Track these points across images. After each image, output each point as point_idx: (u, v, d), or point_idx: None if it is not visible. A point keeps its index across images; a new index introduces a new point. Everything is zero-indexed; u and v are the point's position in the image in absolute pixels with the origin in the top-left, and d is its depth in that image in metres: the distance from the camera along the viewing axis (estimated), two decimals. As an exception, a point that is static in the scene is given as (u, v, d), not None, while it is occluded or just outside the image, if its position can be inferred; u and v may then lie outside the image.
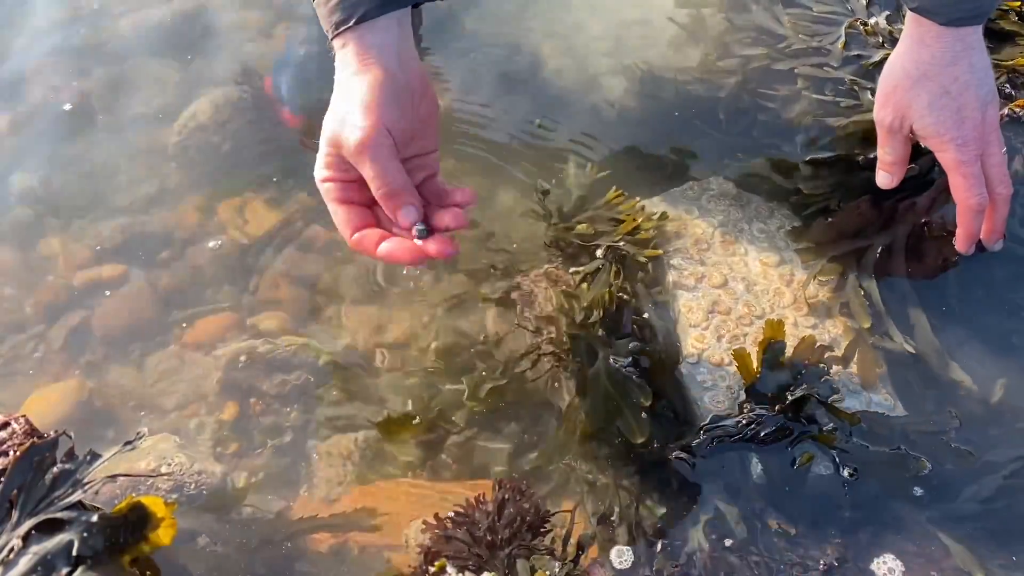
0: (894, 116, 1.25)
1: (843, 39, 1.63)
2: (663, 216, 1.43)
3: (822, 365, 1.22)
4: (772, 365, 1.21)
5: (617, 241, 1.41)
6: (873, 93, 1.49)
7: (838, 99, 1.55)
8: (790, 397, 1.17)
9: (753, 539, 1.13)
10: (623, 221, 1.43)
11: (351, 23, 1.05)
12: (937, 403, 1.25)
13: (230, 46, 1.97)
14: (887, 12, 1.64)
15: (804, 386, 1.18)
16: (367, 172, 1.06)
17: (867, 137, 1.44)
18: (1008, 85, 1.52)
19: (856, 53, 1.61)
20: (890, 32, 1.61)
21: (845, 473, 1.15)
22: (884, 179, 1.33)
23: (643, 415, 1.22)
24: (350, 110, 1.06)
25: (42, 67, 1.97)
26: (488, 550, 1.15)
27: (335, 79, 1.09)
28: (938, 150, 1.23)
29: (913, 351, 1.28)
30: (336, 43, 1.08)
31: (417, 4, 1.14)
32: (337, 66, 1.09)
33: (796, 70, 1.60)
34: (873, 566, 1.11)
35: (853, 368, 1.26)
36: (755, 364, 1.21)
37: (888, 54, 1.49)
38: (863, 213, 1.39)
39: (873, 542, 1.12)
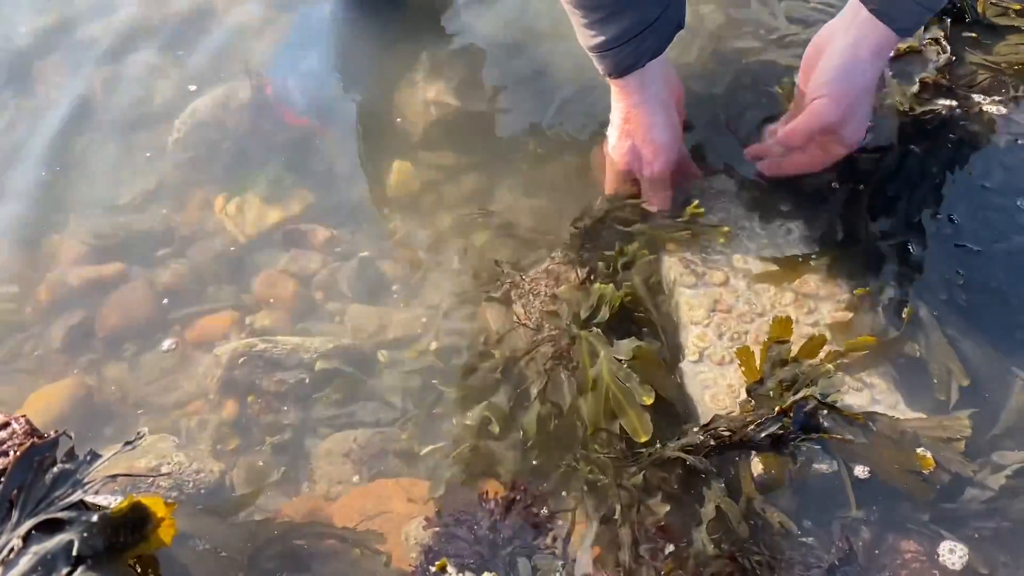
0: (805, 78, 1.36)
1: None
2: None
3: (827, 366, 1.21)
4: (775, 364, 1.21)
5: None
6: None
7: None
8: (792, 397, 1.17)
9: (755, 538, 1.12)
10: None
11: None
12: (941, 401, 1.24)
13: (231, 44, 1.96)
14: None
15: (807, 386, 1.18)
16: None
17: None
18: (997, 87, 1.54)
19: None
20: None
21: (847, 473, 1.15)
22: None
23: (646, 414, 1.22)
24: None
25: (42, 64, 1.97)
26: (489, 548, 1.15)
27: (646, 99, 1.36)
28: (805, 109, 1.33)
29: (918, 349, 1.28)
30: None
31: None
32: (637, 89, 1.35)
33: (785, 63, 1.62)
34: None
35: (856, 367, 1.26)
36: (758, 363, 1.21)
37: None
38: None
39: (875, 541, 1.12)
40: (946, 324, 1.30)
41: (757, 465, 1.17)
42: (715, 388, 1.25)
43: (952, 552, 1.12)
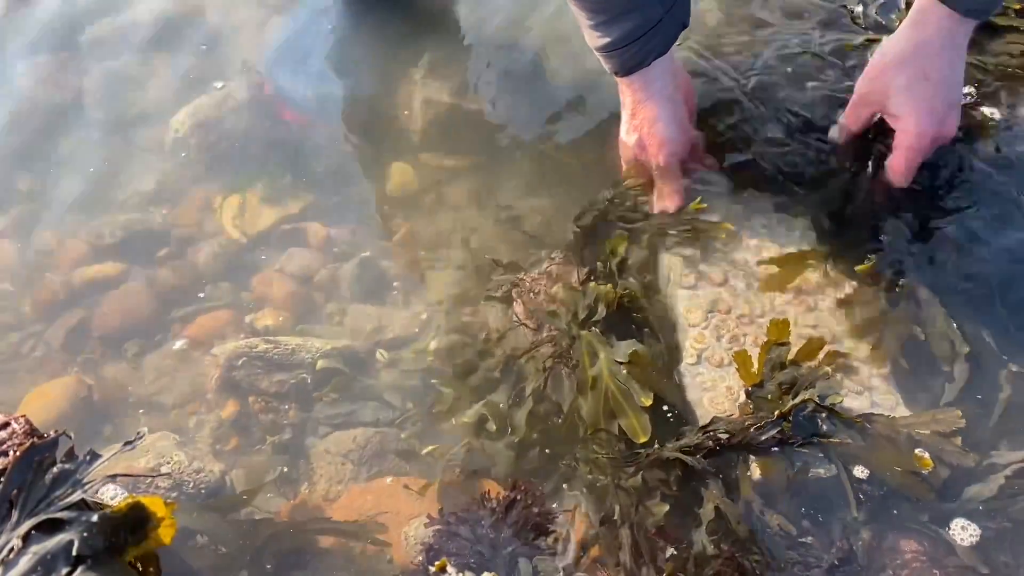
0: (872, 89, 1.38)
1: (818, 19, 1.70)
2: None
3: (826, 368, 1.21)
4: (775, 367, 1.20)
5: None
6: (847, 72, 1.57)
7: (819, 81, 1.59)
8: (791, 401, 1.17)
9: (754, 538, 1.12)
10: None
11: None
12: (941, 401, 1.24)
13: (229, 43, 1.96)
14: (880, 0, 1.69)
15: (806, 390, 1.17)
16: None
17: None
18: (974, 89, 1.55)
19: (837, 37, 1.65)
20: (877, 21, 1.66)
21: (847, 475, 1.15)
22: (835, 132, 1.48)
23: (645, 415, 1.22)
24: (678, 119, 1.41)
25: (41, 63, 1.97)
26: (490, 548, 1.15)
27: (651, 95, 1.37)
28: (900, 129, 1.35)
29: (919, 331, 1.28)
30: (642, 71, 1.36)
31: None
32: (642, 86, 1.38)
33: (779, 53, 1.64)
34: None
35: (855, 368, 1.26)
36: (756, 366, 1.21)
37: (869, 38, 1.61)
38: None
39: (875, 541, 1.12)
40: (940, 312, 1.30)
41: (756, 470, 1.16)
42: (714, 392, 1.25)
43: (964, 529, 1.12)
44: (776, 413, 1.16)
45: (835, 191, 1.45)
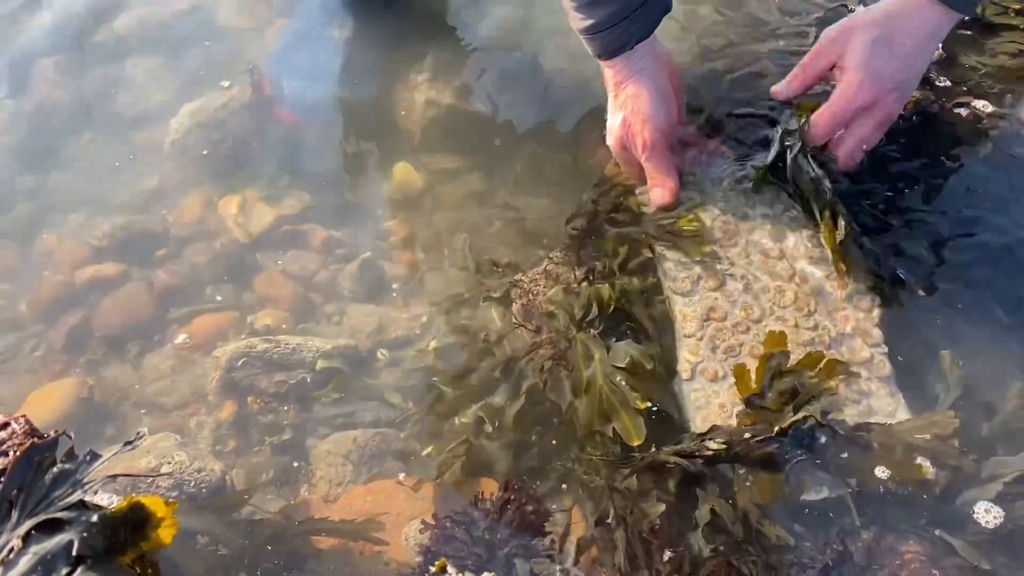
0: (834, 41, 1.34)
1: (815, 16, 1.70)
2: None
3: (830, 383, 1.20)
4: (774, 375, 1.20)
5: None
6: None
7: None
8: (792, 417, 1.16)
9: (749, 540, 1.12)
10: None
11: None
12: (941, 405, 1.24)
13: (228, 44, 1.97)
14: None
15: (805, 408, 1.17)
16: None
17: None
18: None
19: None
20: None
21: (846, 486, 1.14)
22: (782, 88, 1.42)
23: (639, 417, 1.22)
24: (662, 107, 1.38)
25: (41, 64, 1.97)
26: (487, 550, 1.15)
27: (634, 72, 1.36)
28: (843, 80, 1.32)
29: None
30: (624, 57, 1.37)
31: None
32: (625, 67, 1.37)
33: (776, 49, 1.65)
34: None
35: (855, 373, 1.25)
36: (754, 380, 1.20)
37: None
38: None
39: (874, 542, 1.12)
40: (950, 322, 1.30)
41: (753, 489, 1.16)
42: (707, 409, 1.23)
43: (988, 512, 1.13)
44: (776, 430, 1.15)
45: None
